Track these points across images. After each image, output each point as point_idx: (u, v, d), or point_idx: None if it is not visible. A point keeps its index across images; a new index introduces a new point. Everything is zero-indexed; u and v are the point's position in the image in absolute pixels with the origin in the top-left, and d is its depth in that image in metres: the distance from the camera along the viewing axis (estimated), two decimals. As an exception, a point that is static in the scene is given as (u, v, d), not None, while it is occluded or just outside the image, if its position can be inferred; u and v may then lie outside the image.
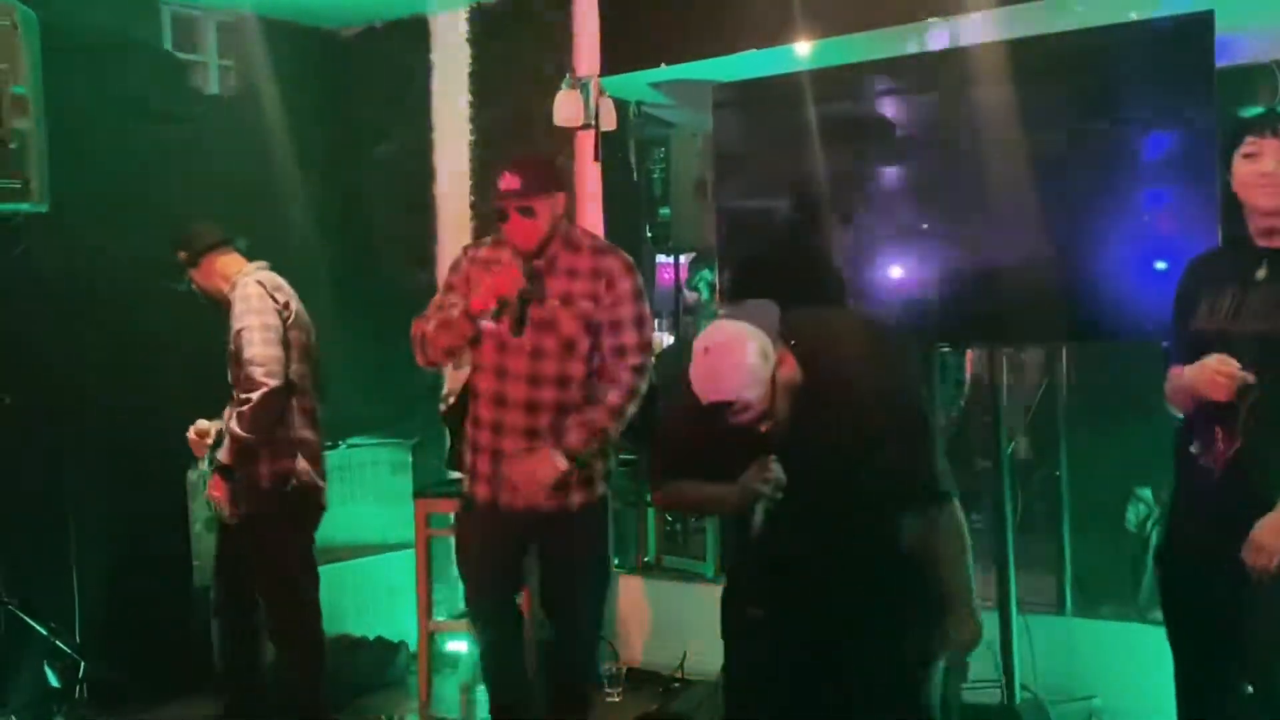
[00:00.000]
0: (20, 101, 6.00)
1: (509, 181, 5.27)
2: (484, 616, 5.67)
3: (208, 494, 5.76)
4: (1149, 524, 6.46)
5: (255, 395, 5.59)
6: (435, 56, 8.30)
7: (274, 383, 5.63)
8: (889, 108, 6.18)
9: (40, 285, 6.61)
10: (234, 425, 5.61)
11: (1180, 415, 4.38)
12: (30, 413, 6.58)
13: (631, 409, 5.31)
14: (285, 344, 5.74)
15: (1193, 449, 4.24)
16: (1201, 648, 4.36)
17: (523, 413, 5.31)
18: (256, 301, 5.71)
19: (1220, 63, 5.36)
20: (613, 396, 5.29)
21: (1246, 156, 4.18)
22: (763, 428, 4.19)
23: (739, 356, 4.05)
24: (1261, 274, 4.14)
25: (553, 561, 5.52)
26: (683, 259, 9.85)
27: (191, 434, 6.00)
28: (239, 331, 5.66)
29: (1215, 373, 4.05)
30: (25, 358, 6.56)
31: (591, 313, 5.30)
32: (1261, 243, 4.19)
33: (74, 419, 6.82)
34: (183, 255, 5.92)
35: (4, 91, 5.94)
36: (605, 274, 5.35)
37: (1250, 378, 4.02)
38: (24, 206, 6.09)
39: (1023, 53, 5.72)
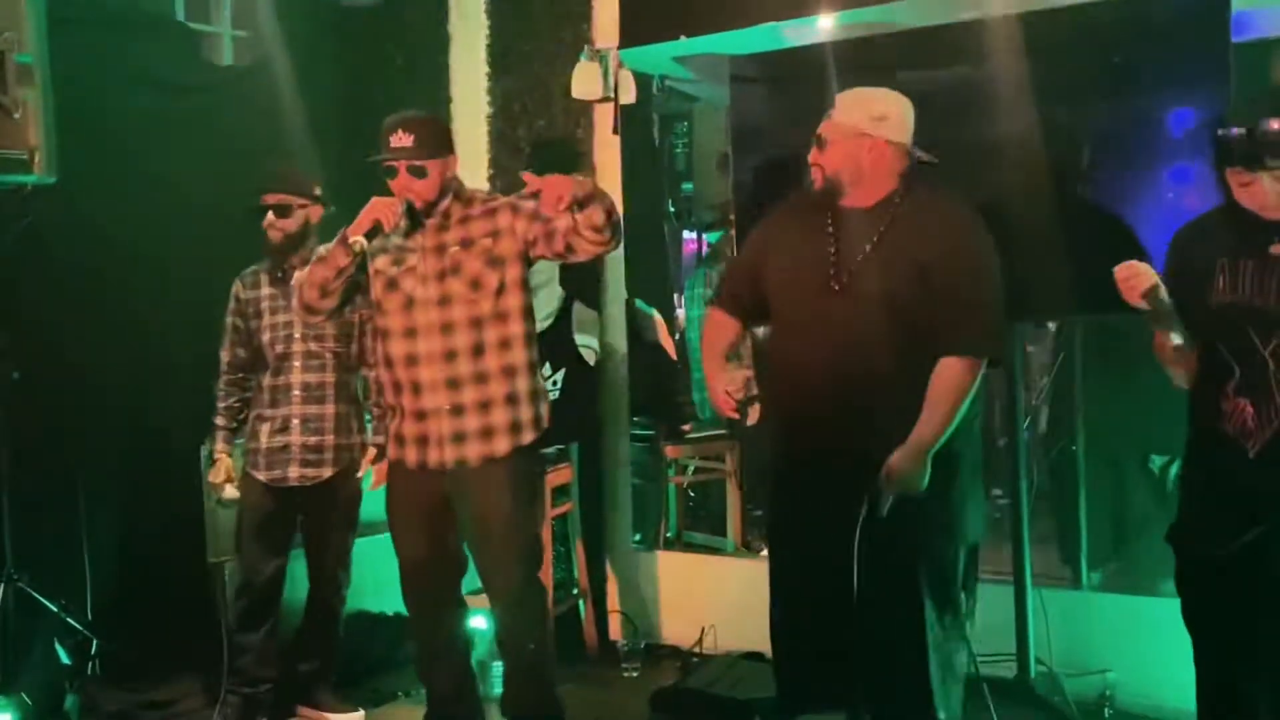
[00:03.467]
0: (26, 71, 5.93)
1: (400, 139, 5.28)
2: (422, 606, 5.65)
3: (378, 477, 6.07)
4: (1171, 467, 6.45)
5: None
6: (452, 28, 8.24)
7: None
8: (909, 80, 6.14)
9: (48, 258, 6.57)
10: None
11: (1186, 387, 4.36)
12: (39, 387, 6.53)
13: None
14: None
15: (1225, 429, 4.14)
16: (1224, 635, 4.28)
17: (440, 365, 5.28)
18: None
19: (1241, 38, 5.37)
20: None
21: (1243, 185, 4.12)
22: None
23: (871, 103, 4.98)
24: (1278, 249, 4.05)
25: (476, 516, 5.42)
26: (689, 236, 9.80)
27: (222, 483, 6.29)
28: (372, 318, 5.90)
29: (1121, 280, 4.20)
30: (34, 332, 6.52)
31: (492, 247, 5.30)
32: (1270, 215, 4.09)
33: (84, 393, 6.77)
34: (300, 197, 6.17)
35: (8, 60, 5.86)
36: (503, 209, 5.35)
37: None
38: (30, 178, 6.02)
39: (1045, 24, 5.73)
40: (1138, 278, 4.18)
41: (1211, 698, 4.41)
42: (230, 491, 6.22)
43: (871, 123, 4.88)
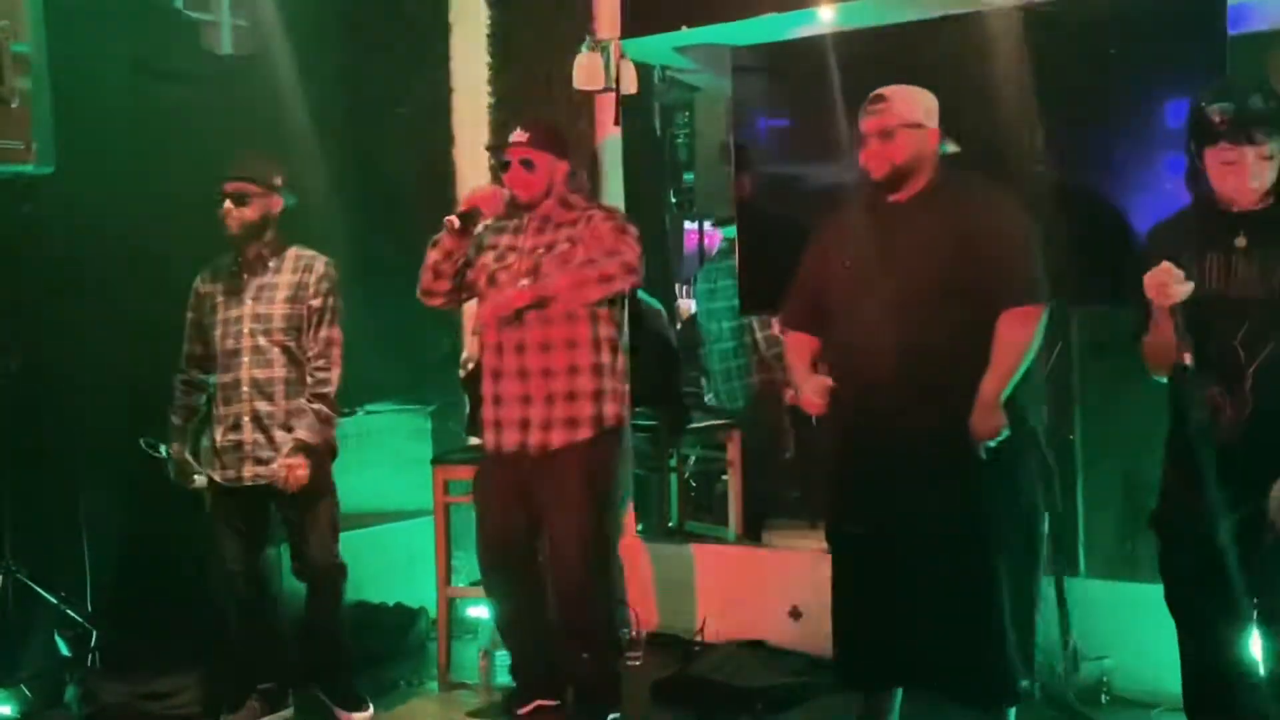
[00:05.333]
0: (22, 60, 5.92)
1: (518, 135, 5.73)
2: (495, 572, 5.94)
3: (293, 478, 5.86)
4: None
5: (335, 375, 6.02)
6: (454, 18, 8.21)
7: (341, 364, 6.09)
8: (910, 72, 6.15)
9: (47, 249, 6.59)
10: (324, 407, 5.99)
11: (1163, 379, 4.50)
12: (38, 378, 6.55)
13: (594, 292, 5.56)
14: None
15: (1201, 417, 4.29)
16: (1207, 613, 4.42)
17: (514, 355, 5.66)
18: (335, 285, 6.09)
19: (1239, 29, 5.51)
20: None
21: (1226, 164, 4.25)
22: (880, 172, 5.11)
23: (919, 96, 5.15)
24: (1241, 241, 4.26)
25: (548, 502, 5.74)
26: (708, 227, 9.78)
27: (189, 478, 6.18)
28: (325, 308, 6.02)
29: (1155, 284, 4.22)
30: (32, 322, 6.56)
31: (569, 253, 5.63)
32: (1241, 203, 4.29)
33: (83, 384, 6.76)
34: (259, 185, 5.99)
35: (5, 50, 5.86)
36: (587, 219, 5.72)
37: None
38: (27, 168, 6.02)
39: (1045, 17, 5.84)
40: (1172, 287, 4.22)
41: (1195, 678, 4.55)
42: (199, 480, 6.09)
43: (926, 115, 5.11)
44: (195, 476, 6.10)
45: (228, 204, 5.96)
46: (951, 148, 5.19)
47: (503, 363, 5.69)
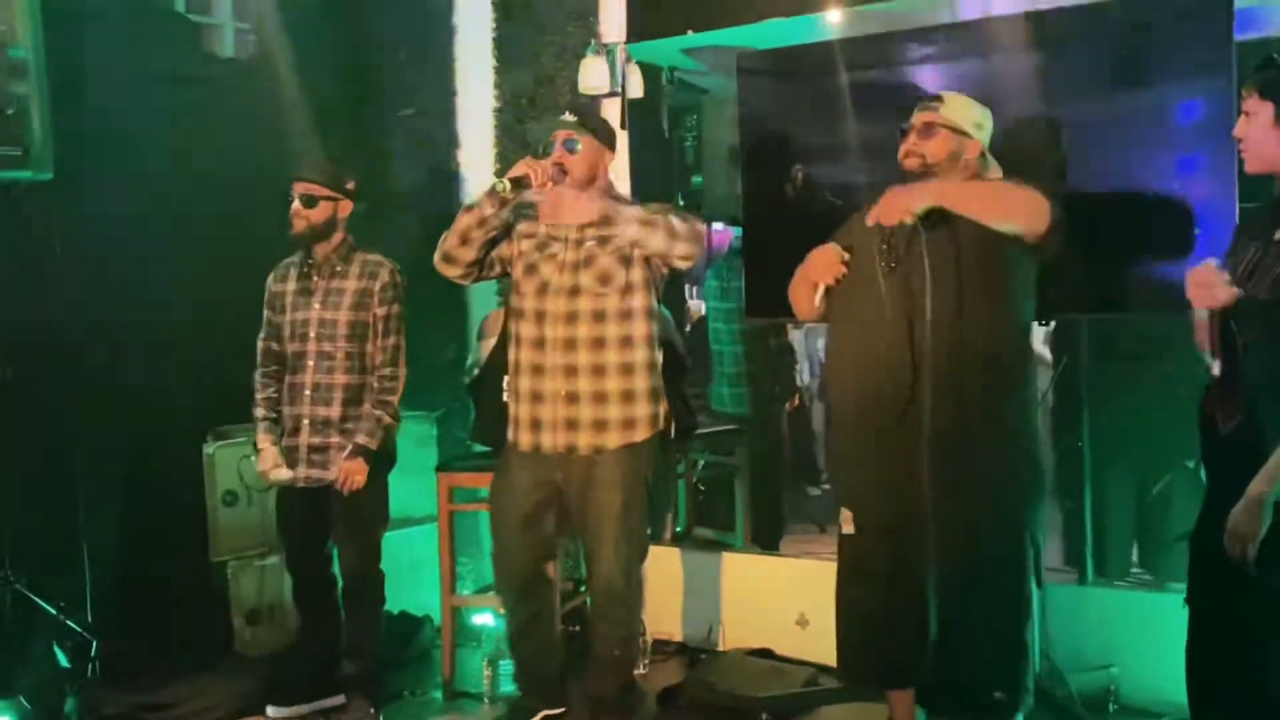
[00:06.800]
0: (20, 65, 5.92)
1: (566, 119, 5.68)
2: (518, 578, 5.83)
3: (350, 482, 5.93)
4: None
5: (401, 383, 6.07)
6: (458, 20, 8.19)
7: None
8: (918, 77, 6.13)
9: (45, 256, 6.55)
10: (385, 415, 6.02)
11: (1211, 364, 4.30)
12: (36, 387, 6.52)
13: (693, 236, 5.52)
14: None
15: (1215, 414, 4.17)
16: (1211, 625, 4.31)
17: (561, 351, 5.52)
18: (402, 292, 6.11)
19: (1246, 35, 5.51)
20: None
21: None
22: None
23: (973, 107, 5.11)
24: (1278, 234, 4.07)
25: (593, 506, 5.63)
26: (717, 227, 9.72)
27: (270, 470, 6.14)
28: (390, 315, 6.05)
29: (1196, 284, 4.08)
30: (30, 330, 6.52)
31: (624, 247, 5.52)
32: (1253, 164, 4.17)
33: (81, 392, 6.72)
34: (329, 188, 6.02)
35: (2, 55, 5.85)
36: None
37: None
38: (25, 175, 6.04)
39: (1052, 22, 5.82)
40: (1217, 288, 4.05)
41: (1201, 677, 4.40)
42: (284, 473, 6.06)
43: (974, 127, 5.10)
44: (272, 472, 6.08)
45: (296, 204, 5.96)
46: (994, 173, 5.13)
47: (544, 358, 5.55)
